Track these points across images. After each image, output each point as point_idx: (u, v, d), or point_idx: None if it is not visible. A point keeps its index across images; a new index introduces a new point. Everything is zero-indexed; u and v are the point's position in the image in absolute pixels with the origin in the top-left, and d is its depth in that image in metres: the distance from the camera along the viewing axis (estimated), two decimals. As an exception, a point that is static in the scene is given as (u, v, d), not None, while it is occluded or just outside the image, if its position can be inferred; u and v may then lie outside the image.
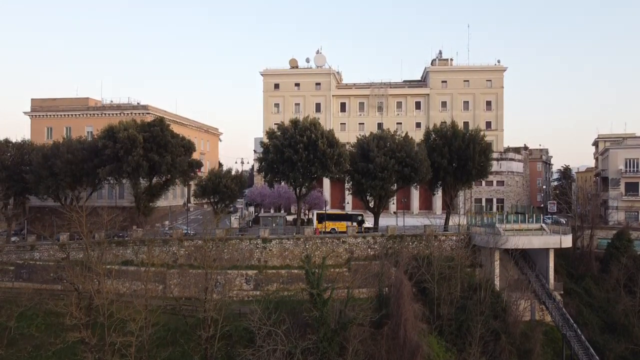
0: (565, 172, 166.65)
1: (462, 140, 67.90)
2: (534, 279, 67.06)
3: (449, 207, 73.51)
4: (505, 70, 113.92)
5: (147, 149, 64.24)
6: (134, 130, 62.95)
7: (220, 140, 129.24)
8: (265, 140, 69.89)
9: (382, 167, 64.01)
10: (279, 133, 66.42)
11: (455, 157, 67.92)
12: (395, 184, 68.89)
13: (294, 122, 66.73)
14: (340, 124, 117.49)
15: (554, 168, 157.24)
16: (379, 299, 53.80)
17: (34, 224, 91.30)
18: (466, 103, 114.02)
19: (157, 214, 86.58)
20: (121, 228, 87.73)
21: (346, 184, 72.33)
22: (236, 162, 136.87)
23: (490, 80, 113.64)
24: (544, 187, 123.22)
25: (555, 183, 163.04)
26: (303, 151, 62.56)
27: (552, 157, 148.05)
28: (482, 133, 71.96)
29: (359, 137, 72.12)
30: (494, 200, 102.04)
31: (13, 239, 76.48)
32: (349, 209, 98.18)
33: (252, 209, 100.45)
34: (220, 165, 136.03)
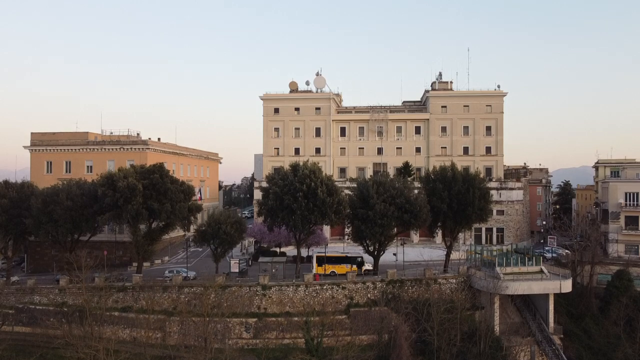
0: (565, 188, 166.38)
1: (461, 184, 67.74)
2: (533, 323, 67.07)
3: (449, 248, 73.37)
4: (505, 95, 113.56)
5: (147, 197, 64.25)
6: (133, 179, 62.92)
7: (220, 163, 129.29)
8: (265, 184, 69.91)
9: (382, 214, 63.95)
10: (278, 178, 66.32)
11: (455, 201, 67.74)
12: (395, 229, 68.83)
13: (294, 167, 66.67)
14: (340, 148, 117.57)
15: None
16: (378, 354, 53.85)
17: (33, 257, 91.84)
18: (466, 128, 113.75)
19: (157, 247, 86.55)
20: (121, 263, 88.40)
21: (346, 229, 72.16)
22: (234, 183, 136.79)
23: (490, 106, 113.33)
24: (544, 222, 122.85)
25: (555, 198, 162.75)
26: (302, 199, 62.53)
27: (552, 176, 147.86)
28: (481, 176, 71.89)
29: (359, 179, 71.97)
30: (494, 230, 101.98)
31: (13, 278, 76.61)
32: (348, 242, 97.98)
33: (251, 238, 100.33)
34: (220, 187, 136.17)
